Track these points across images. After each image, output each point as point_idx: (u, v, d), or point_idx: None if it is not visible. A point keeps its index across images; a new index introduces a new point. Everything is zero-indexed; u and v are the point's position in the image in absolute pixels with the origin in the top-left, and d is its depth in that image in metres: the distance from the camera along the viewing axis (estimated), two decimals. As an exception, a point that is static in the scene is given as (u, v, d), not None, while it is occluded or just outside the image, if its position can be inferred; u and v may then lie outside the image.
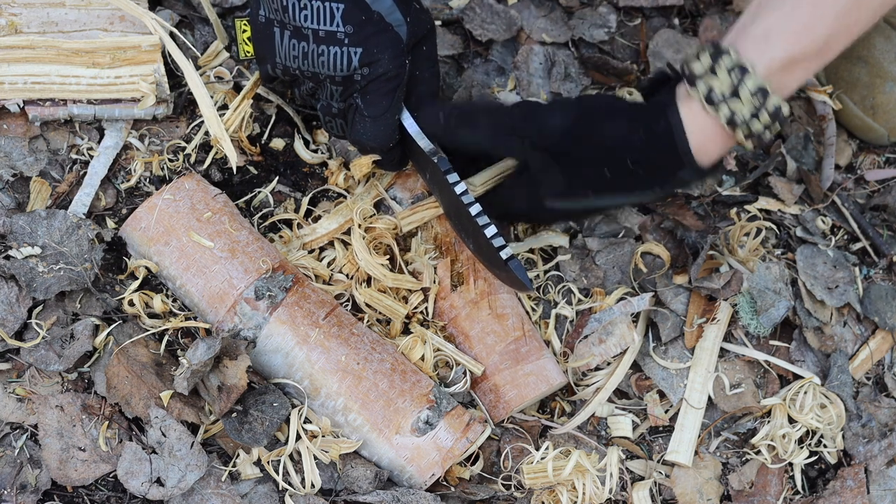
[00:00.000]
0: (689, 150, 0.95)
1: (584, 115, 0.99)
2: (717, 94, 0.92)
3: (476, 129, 1.00)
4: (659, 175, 0.98)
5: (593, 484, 1.01)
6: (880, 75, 1.25)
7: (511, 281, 1.02)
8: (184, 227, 1.01)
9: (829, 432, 1.13)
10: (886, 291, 1.21)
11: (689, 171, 0.97)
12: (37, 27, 1.06)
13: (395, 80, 0.98)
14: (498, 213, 1.03)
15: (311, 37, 0.96)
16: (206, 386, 0.98)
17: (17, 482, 0.95)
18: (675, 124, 0.95)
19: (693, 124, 0.95)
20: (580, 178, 0.98)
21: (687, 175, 0.97)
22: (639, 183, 0.98)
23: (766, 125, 0.94)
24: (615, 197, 1.00)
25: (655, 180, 0.98)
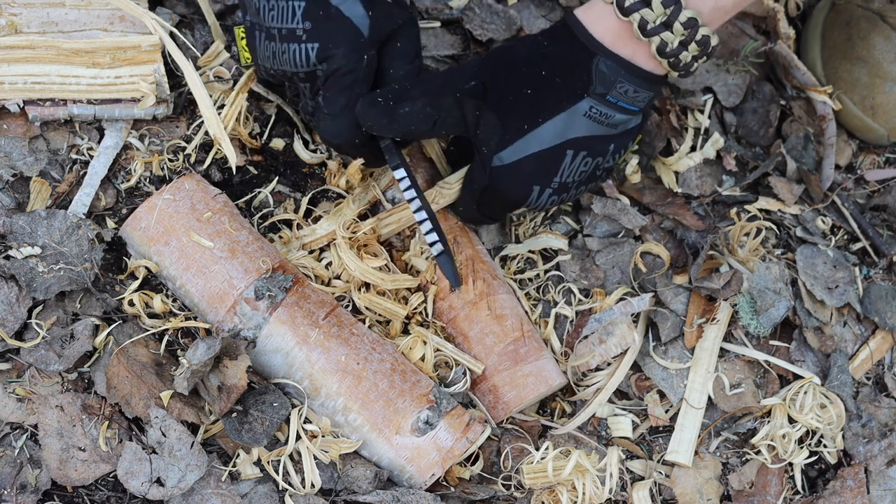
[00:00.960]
0: (590, 35, 0.96)
1: (495, 49, 1.01)
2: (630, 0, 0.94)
3: (412, 100, 0.98)
4: (578, 76, 0.97)
5: (593, 484, 1.01)
6: (880, 76, 1.25)
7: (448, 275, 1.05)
8: (184, 227, 1.01)
9: (829, 432, 1.13)
10: (886, 291, 1.21)
11: (606, 61, 0.96)
12: (37, 27, 1.06)
13: (351, 76, 0.97)
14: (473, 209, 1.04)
15: (277, 36, 0.97)
16: (206, 386, 0.98)
17: (17, 482, 0.95)
18: (572, 21, 0.97)
19: (590, 16, 0.97)
20: (509, 112, 0.98)
21: (606, 65, 0.96)
22: (563, 94, 0.97)
23: (663, 20, 0.94)
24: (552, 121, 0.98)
25: (578, 83, 0.97)
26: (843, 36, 1.28)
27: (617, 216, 1.17)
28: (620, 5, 0.94)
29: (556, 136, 0.99)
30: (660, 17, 0.94)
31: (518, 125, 0.98)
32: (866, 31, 1.26)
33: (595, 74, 0.97)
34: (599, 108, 0.98)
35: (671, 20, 0.94)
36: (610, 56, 0.96)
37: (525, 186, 1.01)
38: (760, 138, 1.28)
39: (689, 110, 1.26)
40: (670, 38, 0.94)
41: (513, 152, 0.99)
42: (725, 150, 1.25)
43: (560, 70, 0.98)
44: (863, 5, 1.28)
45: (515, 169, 1.00)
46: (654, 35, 0.94)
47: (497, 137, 0.99)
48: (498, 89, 0.99)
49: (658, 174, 1.21)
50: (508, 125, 0.98)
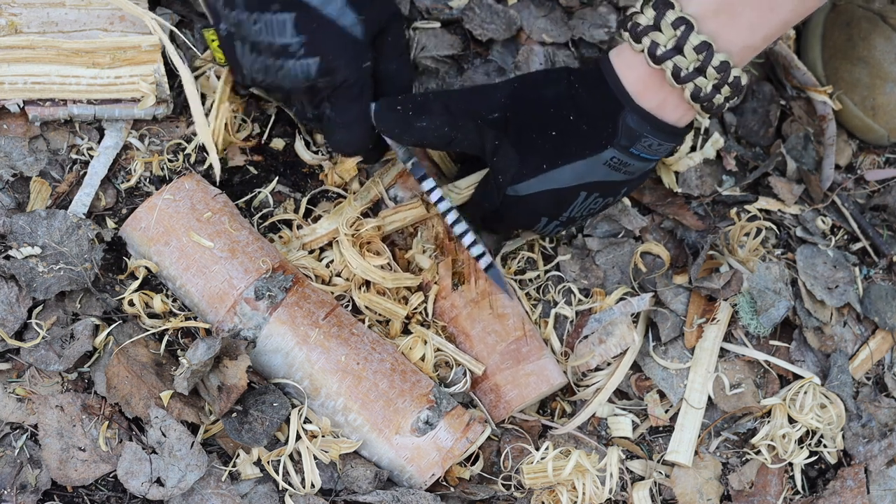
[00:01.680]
0: (621, 86, 0.95)
1: (524, 81, 1.00)
2: (641, 27, 0.93)
3: (432, 115, 0.98)
4: (604, 126, 0.96)
5: (593, 484, 1.01)
6: (881, 76, 1.25)
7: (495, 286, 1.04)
8: (184, 227, 1.01)
9: (829, 432, 1.13)
10: (886, 291, 1.21)
11: (633, 116, 0.95)
12: (37, 27, 1.06)
13: (357, 85, 0.97)
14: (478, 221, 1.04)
15: (268, 51, 0.95)
16: (206, 386, 0.98)
17: (17, 482, 0.95)
18: (605, 66, 0.96)
19: (621, 63, 0.96)
20: (530, 149, 0.97)
21: (633, 120, 0.96)
22: (587, 142, 0.97)
23: (696, 65, 0.93)
24: (573, 164, 0.98)
25: (603, 134, 0.97)
26: (843, 36, 1.28)
27: (617, 217, 1.17)
28: (652, 53, 0.93)
29: (573, 179, 0.99)
30: (693, 64, 0.93)
31: (537, 163, 0.98)
32: (867, 31, 1.26)
33: (621, 127, 0.96)
34: (621, 158, 0.98)
35: (704, 65, 0.93)
36: (637, 111, 0.96)
37: (534, 217, 1.03)
38: (760, 138, 1.28)
39: (689, 110, 1.26)
40: (704, 83, 0.93)
41: (528, 187, 0.99)
42: (725, 150, 1.25)
43: (587, 117, 0.97)
44: (863, 6, 1.28)
45: (528, 201, 1.01)
46: (688, 81, 0.94)
47: (514, 170, 0.99)
48: (521, 125, 0.98)
49: (658, 174, 1.21)
50: (528, 161, 0.98)
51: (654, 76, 0.95)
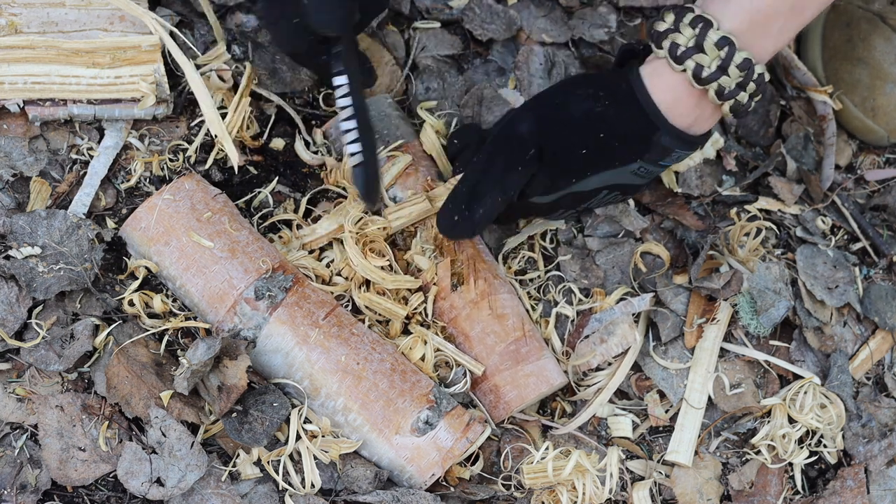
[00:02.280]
0: (656, 108, 0.95)
1: (548, 102, 1.00)
2: (682, 48, 0.92)
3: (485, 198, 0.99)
4: (635, 144, 0.97)
5: (593, 484, 1.01)
6: (881, 77, 1.25)
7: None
8: (184, 227, 1.01)
9: (829, 432, 1.13)
10: (886, 291, 1.21)
11: (666, 135, 0.96)
12: (37, 27, 1.06)
13: None
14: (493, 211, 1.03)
15: None
16: (206, 386, 0.98)
17: (17, 482, 0.95)
18: (637, 85, 0.96)
19: (658, 83, 0.95)
20: (562, 170, 0.98)
21: (667, 140, 0.96)
22: (618, 157, 0.97)
23: (738, 81, 0.93)
24: (599, 175, 0.99)
25: (636, 151, 0.97)
26: (843, 37, 1.28)
27: (617, 217, 1.17)
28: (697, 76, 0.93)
29: (597, 184, 1.01)
30: (735, 81, 0.93)
31: (567, 180, 1.00)
32: (867, 32, 1.26)
33: (654, 146, 0.97)
34: (647, 168, 0.99)
35: (746, 81, 0.93)
36: (671, 131, 0.96)
37: (553, 211, 1.06)
38: (760, 138, 1.28)
39: (689, 110, 1.26)
40: (744, 96, 0.94)
41: (554, 196, 1.02)
42: (725, 150, 1.25)
43: (620, 137, 0.97)
44: (863, 6, 1.28)
45: (551, 203, 1.03)
46: (731, 98, 0.94)
47: (543, 188, 1.01)
48: (554, 152, 0.99)
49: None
50: (558, 181, 1.00)
51: (692, 95, 0.95)
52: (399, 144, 1.12)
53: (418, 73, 1.21)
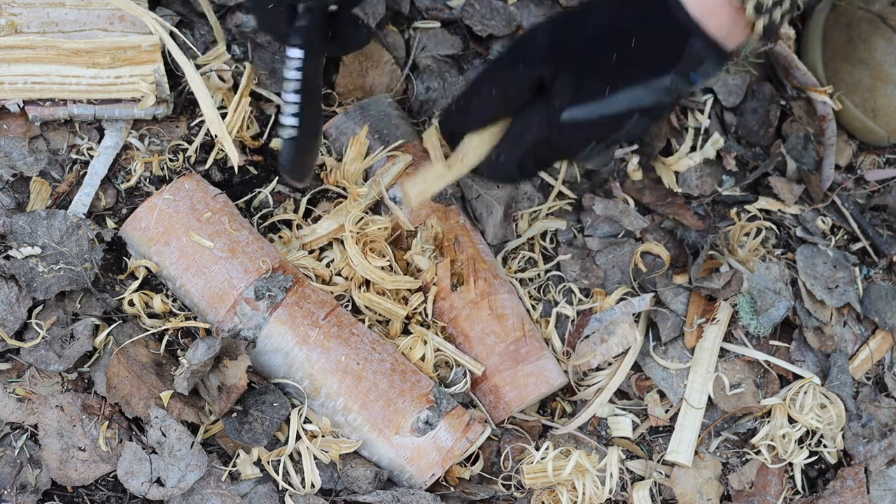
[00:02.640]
0: (687, 14, 0.92)
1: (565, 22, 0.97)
2: None
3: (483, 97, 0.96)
4: (668, 53, 0.93)
5: (593, 484, 1.01)
6: (881, 78, 1.25)
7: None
8: (184, 227, 1.01)
9: (829, 432, 1.13)
10: (886, 291, 1.21)
11: (699, 42, 0.92)
12: (37, 27, 1.06)
13: None
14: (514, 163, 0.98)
15: None
16: (206, 386, 0.98)
17: (17, 482, 0.95)
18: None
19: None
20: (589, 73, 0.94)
21: (699, 48, 0.93)
22: (650, 67, 0.93)
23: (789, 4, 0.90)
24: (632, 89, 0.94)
25: (667, 60, 0.93)
26: (844, 38, 1.27)
27: (618, 217, 1.17)
28: None
29: (629, 103, 0.95)
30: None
31: (598, 86, 0.94)
32: (867, 33, 1.26)
33: (686, 55, 0.93)
34: (678, 83, 0.95)
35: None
36: (703, 38, 0.92)
37: (584, 143, 0.98)
38: (760, 138, 1.28)
39: (689, 110, 1.26)
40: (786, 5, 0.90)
41: (585, 111, 0.94)
42: (725, 150, 1.25)
43: (651, 43, 0.93)
44: (864, 7, 1.28)
45: (583, 127, 0.95)
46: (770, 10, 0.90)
47: (572, 93, 0.94)
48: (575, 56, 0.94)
49: (658, 174, 1.21)
50: (587, 85, 0.94)
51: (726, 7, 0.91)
52: (399, 144, 1.11)
53: (418, 72, 1.21)
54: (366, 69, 1.19)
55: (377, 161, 1.11)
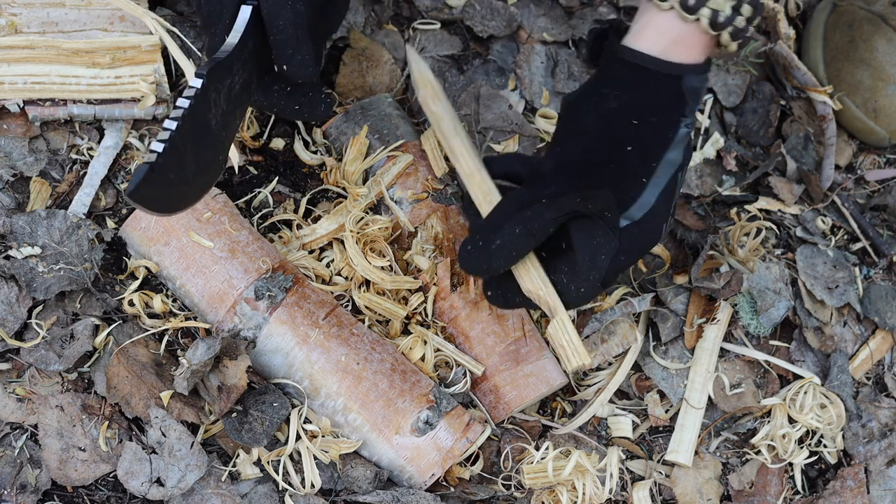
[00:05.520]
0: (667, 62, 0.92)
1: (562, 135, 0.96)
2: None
3: (504, 231, 0.92)
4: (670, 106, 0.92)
5: (593, 484, 1.01)
6: (882, 78, 1.25)
7: None
8: (184, 227, 1.01)
9: (829, 432, 1.13)
10: (886, 291, 1.21)
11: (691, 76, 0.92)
12: (37, 27, 1.06)
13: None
14: (599, 283, 0.93)
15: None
16: (206, 386, 0.98)
17: (17, 482, 0.95)
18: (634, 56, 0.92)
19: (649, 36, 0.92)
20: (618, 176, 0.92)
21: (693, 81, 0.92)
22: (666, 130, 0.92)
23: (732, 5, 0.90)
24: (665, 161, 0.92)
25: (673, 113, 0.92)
26: (845, 38, 1.27)
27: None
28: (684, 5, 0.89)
29: (669, 170, 0.94)
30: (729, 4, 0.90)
31: (635, 181, 0.92)
32: (869, 33, 1.26)
33: (687, 94, 0.93)
34: (691, 121, 0.94)
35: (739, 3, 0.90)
36: (689, 69, 0.92)
37: (659, 231, 0.95)
38: (760, 138, 1.28)
39: (690, 110, 1.26)
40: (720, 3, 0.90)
41: (641, 206, 0.93)
42: (725, 150, 1.25)
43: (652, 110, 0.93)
44: (865, 7, 1.28)
45: (649, 219, 0.93)
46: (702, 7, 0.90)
47: (615, 203, 0.91)
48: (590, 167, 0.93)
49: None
50: (626, 185, 0.92)
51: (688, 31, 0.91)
52: (399, 144, 1.12)
53: (418, 72, 1.21)
54: (366, 69, 1.19)
55: (377, 161, 1.11)
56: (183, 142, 0.83)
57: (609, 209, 0.91)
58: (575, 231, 0.92)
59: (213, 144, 0.89)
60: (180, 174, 0.85)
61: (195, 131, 0.85)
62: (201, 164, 0.88)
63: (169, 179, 0.83)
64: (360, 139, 1.10)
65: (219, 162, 0.91)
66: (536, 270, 0.95)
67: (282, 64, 0.93)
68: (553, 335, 0.95)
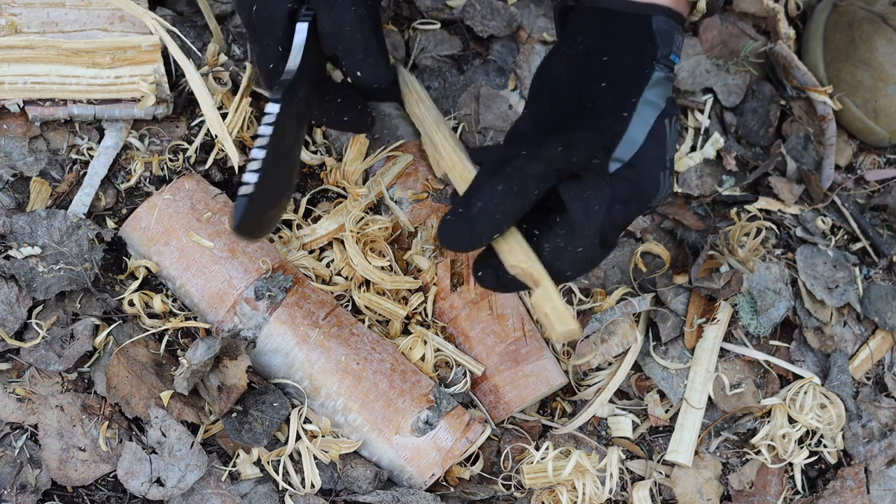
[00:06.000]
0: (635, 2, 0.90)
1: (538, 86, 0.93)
2: None
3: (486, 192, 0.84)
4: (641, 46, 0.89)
5: (593, 484, 1.01)
6: (883, 78, 1.25)
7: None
8: (184, 227, 1.01)
9: (829, 432, 1.13)
10: (886, 291, 1.21)
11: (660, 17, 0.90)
12: (37, 27, 1.06)
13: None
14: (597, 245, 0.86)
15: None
16: (206, 386, 0.98)
17: (17, 482, 0.95)
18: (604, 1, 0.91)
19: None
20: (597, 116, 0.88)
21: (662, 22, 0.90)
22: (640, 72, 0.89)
23: None
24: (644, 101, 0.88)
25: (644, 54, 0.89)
26: (845, 38, 1.27)
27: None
28: None
29: (652, 111, 0.88)
30: None
31: (616, 117, 0.87)
32: (869, 33, 1.26)
33: (657, 36, 0.89)
34: (667, 69, 0.90)
35: None
36: (661, 11, 0.89)
37: (655, 178, 0.89)
38: (760, 138, 1.28)
39: (689, 110, 1.26)
40: None
41: (628, 145, 0.87)
42: (725, 150, 1.25)
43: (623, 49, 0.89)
44: (865, 7, 1.28)
45: (640, 162, 0.87)
46: None
47: (599, 143, 0.86)
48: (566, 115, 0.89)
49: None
50: (607, 123, 0.87)
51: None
52: (399, 144, 1.12)
53: (418, 73, 1.21)
54: (366, 69, 1.19)
55: (377, 161, 1.11)
56: (271, 167, 0.85)
57: (594, 154, 0.85)
58: (564, 190, 0.85)
59: (291, 162, 0.92)
60: (273, 198, 0.88)
61: (279, 154, 0.87)
62: (288, 186, 0.91)
63: (265, 206, 0.86)
64: (360, 139, 1.10)
65: (293, 176, 0.94)
66: (519, 244, 0.88)
67: (355, 71, 0.91)
68: (537, 305, 0.88)
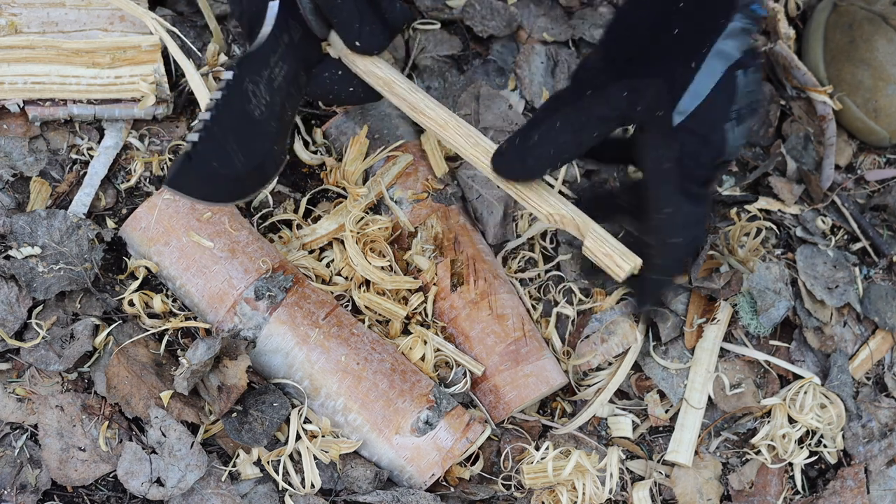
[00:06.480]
0: None
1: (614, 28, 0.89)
2: None
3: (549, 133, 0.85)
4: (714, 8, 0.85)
5: (593, 484, 1.01)
6: (883, 78, 1.25)
7: None
8: (184, 227, 1.01)
9: (829, 432, 1.13)
10: (886, 291, 1.21)
11: None
12: (37, 27, 1.06)
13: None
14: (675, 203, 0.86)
15: None
16: (206, 386, 0.98)
17: (17, 482, 0.95)
18: None
19: None
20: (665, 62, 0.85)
21: None
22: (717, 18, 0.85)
23: None
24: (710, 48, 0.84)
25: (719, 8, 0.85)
26: (845, 38, 1.27)
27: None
28: None
29: (723, 62, 0.85)
30: None
31: (684, 67, 0.84)
32: (869, 33, 1.26)
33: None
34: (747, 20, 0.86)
35: None
36: None
37: (721, 132, 0.86)
38: (760, 138, 1.28)
39: (690, 110, 1.26)
40: None
41: (693, 96, 0.85)
42: (726, 150, 1.24)
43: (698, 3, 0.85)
44: (866, 7, 1.28)
45: (704, 114, 0.85)
46: None
47: (666, 93, 0.84)
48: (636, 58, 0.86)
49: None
50: (674, 73, 0.85)
51: None
52: (399, 144, 1.12)
53: (418, 73, 1.22)
54: (366, 69, 1.19)
55: (377, 161, 1.11)
56: (223, 132, 0.86)
57: (660, 103, 0.84)
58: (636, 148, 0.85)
59: (263, 136, 0.91)
60: (226, 164, 0.88)
61: (236, 122, 0.88)
62: (252, 155, 0.90)
63: (212, 168, 0.87)
64: (360, 139, 1.10)
65: (274, 153, 0.94)
66: (553, 195, 0.89)
67: (353, 41, 0.94)
68: (592, 249, 0.88)
